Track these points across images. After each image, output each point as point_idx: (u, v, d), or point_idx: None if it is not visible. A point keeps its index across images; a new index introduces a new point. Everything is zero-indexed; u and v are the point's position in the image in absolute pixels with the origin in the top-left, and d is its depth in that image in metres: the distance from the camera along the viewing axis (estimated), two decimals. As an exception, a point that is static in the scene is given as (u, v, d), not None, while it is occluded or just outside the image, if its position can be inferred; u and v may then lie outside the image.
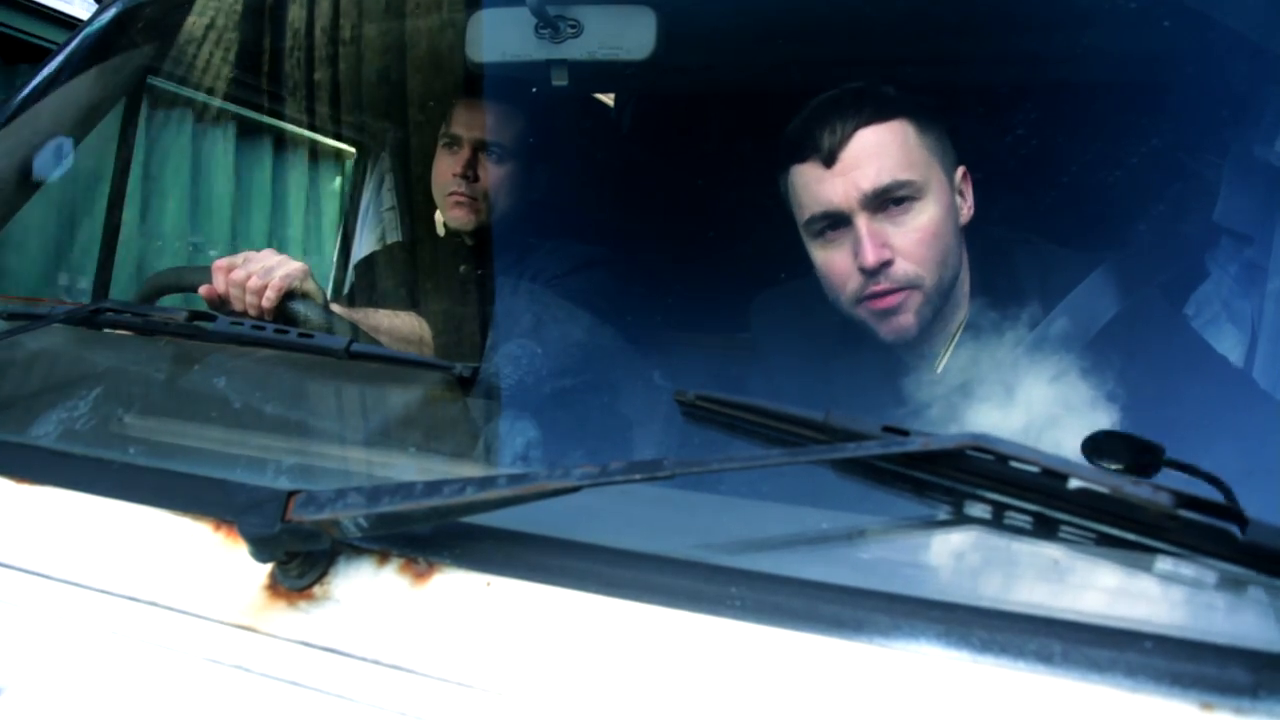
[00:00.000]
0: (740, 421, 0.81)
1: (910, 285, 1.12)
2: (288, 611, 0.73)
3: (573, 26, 1.35)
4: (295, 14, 1.77)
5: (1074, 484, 0.62)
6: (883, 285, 1.11)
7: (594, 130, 2.39)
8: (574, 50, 1.36)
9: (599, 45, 1.35)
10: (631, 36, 1.35)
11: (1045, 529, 0.66)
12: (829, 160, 1.11)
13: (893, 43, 1.55)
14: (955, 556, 0.68)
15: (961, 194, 1.19)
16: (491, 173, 1.66)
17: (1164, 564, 0.63)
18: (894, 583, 0.65)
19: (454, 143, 1.67)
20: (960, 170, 1.19)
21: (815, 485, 0.86)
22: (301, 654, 0.70)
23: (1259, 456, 0.96)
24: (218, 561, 0.79)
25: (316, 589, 0.74)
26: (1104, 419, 0.94)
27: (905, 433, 0.69)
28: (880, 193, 1.10)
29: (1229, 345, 1.24)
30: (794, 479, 0.89)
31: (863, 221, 1.11)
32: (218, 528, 0.81)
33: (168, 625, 0.74)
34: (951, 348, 1.19)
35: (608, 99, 2.46)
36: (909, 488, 0.71)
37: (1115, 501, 0.62)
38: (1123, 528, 0.63)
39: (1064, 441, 0.86)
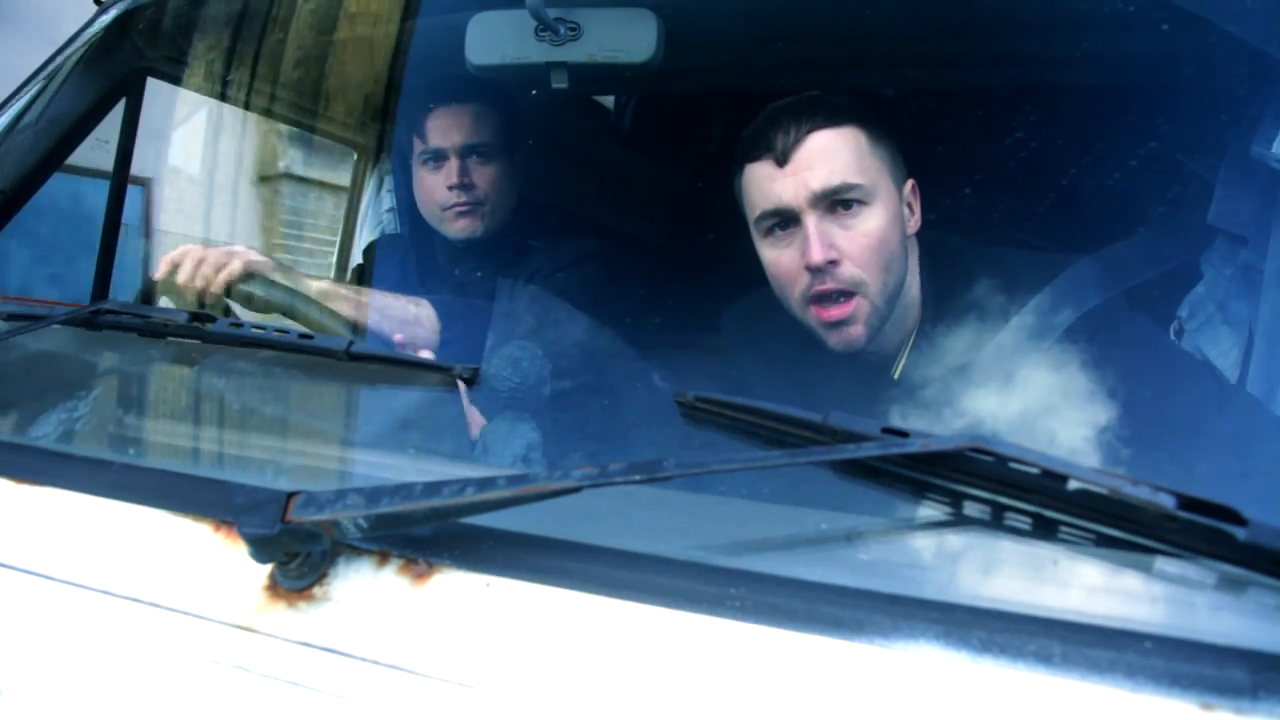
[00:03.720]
0: (740, 423, 0.81)
1: (855, 288, 1.14)
2: (287, 612, 0.73)
3: (572, 29, 1.35)
4: (295, 14, 1.77)
5: (1073, 485, 0.63)
6: (829, 285, 1.13)
7: (587, 123, 2.39)
8: (574, 53, 1.36)
9: (598, 48, 1.35)
10: (631, 39, 1.35)
11: (1045, 530, 0.66)
12: (782, 159, 1.14)
13: (891, 45, 1.55)
14: (955, 557, 0.68)
15: (910, 206, 1.22)
16: (485, 174, 1.62)
17: (1164, 564, 0.63)
18: (893, 584, 0.66)
19: (437, 156, 1.62)
20: (909, 184, 1.22)
21: (815, 486, 0.86)
22: (301, 654, 0.70)
23: (1231, 458, 0.97)
24: (217, 562, 0.79)
25: (316, 590, 0.74)
26: (1063, 424, 0.95)
27: (905, 434, 0.69)
28: (829, 193, 1.13)
29: (1225, 347, 1.24)
30: (794, 480, 0.89)
31: (811, 220, 1.13)
32: (217, 528, 0.81)
33: (168, 626, 0.74)
34: (906, 354, 1.21)
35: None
36: (908, 489, 0.71)
37: (1115, 502, 0.62)
38: (1122, 528, 0.63)
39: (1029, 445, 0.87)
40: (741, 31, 1.53)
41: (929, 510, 0.70)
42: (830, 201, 1.14)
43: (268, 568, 0.75)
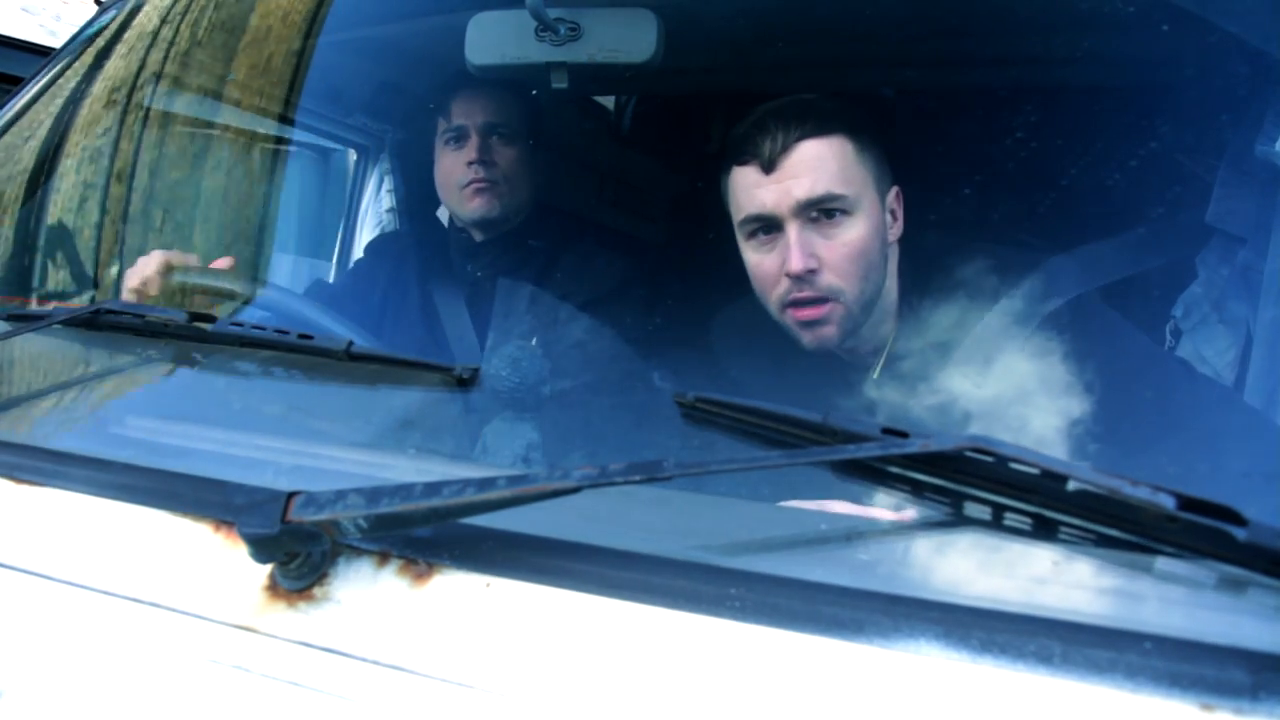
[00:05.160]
0: (740, 423, 0.81)
1: (832, 296, 1.16)
2: (287, 612, 0.73)
3: (572, 29, 1.35)
4: (295, 14, 1.77)
5: (1073, 485, 0.63)
6: (807, 293, 1.16)
7: (587, 123, 2.39)
8: (574, 53, 1.36)
9: (599, 48, 1.35)
10: (631, 39, 1.35)
11: (1045, 530, 0.66)
12: (768, 166, 1.16)
13: (890, 46, 1.56)
14: (955, 557, 0.68)
15: (893, 214, 1.23)
16: (505, 155, 1.63)
17: (1164, 565, 0.63)
18: (893, 584, 0.66)
19: (460, 135, 1.63)
20: (894, 191, 1.23)
21: (815, 486, 0.86)
22: (301, 654, 0.70)
23: (1206, 457, 0.97)
24: (217, 562, 0.79)
25: (316, 590, 0.74)
26: (1036, 422, 0.95)
27: (904, 434, 0.69)
28: (812, 203, 1.14)
29: (1221, 347, 1.24)
30: (794, 480, 0.89)
31: (793, 229, 1.15)
32: (218, 528, 0.81)
33: (168, 626, 0.74)
34: (885, 355, 1.22)
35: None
36: (908, 489, 0.71)
37: (1115, 503, 0.62)
38: (1122, 529, 0.63)
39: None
40: (741, 31, 1.53)
41: (929, 510, 0.70)
42: (813, 210, 1.15)
43: (268, 568, 0.75)
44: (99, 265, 1.72)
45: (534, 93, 1.66)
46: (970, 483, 0.68)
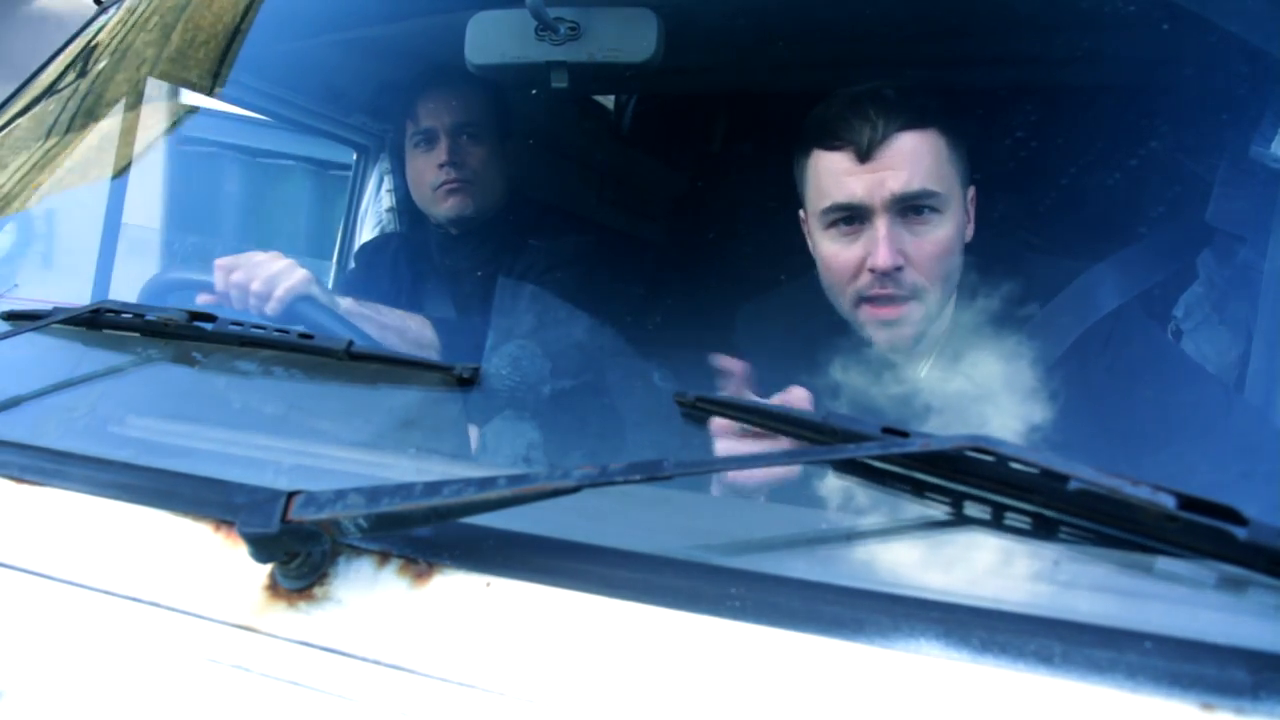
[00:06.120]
0: (740, 422, 0.81)
1: (914, 296, 1.12)
2: (287, 612, 0.73)
3: (572, 29, 1.35)
4: (295, 13, 1.77)
5: (1074, 485, 0.62)
6: (889, 290, 1.12)
7: (587, 122, 2.40)
8: (574, 52, 1.36)
9: (598, 47, 1.35)
10: (631, 39, 1.35)
11: (1045, 530, 0.66)
12: (865, 155, 1.11)
13: (890, 45, 1.56)
14: (955, 557, 0.68)
15: (968, 214, 1.20)
16: (476, 154, 1.64)
17: (1164, 564, 0.63)
18: (894, 584, 0.66)
19: (429, 137, 1.64)
20: (971, 191, 1.20)
21: (815, 486, 0.86)
22: (301, 654, 0.70)
23: (1239, 463, 0.97)
24: (218, 562, 0.79)
25: (316, 589, 0.74)
26: (1079, 428, 0.95)
27: (905, 434, 0.69)
28: (909, 198, 1.11)
29: (1223, 347, 1.24)
30: (794, 480, 0.89)
31: (883, 223, 1.11)
32: (218, 528, 0.81)
33: (168, 626, 0.74)
34: (934, 356, 1.19)
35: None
36: (908, 488, 0.71)
37: (1115, 502, 0.62)
38: (1123, 528, 0.63)
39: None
40: (741, 31, 1.53)
41: (929, 510, 0.70)
42: (906, 206, 1.11)
43: (268, 567, 0.75)
44: (99, 263, 1.72)
45: (498, 88, 1.66)
46: (970, 482, 0.68)
